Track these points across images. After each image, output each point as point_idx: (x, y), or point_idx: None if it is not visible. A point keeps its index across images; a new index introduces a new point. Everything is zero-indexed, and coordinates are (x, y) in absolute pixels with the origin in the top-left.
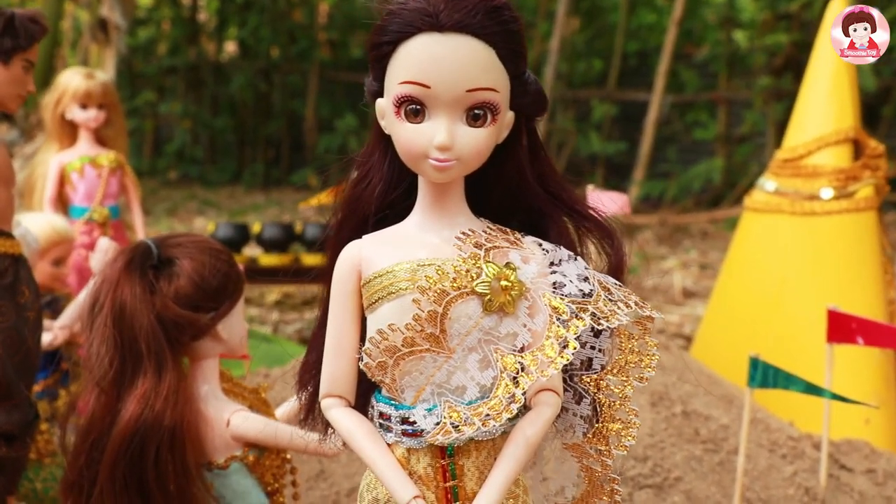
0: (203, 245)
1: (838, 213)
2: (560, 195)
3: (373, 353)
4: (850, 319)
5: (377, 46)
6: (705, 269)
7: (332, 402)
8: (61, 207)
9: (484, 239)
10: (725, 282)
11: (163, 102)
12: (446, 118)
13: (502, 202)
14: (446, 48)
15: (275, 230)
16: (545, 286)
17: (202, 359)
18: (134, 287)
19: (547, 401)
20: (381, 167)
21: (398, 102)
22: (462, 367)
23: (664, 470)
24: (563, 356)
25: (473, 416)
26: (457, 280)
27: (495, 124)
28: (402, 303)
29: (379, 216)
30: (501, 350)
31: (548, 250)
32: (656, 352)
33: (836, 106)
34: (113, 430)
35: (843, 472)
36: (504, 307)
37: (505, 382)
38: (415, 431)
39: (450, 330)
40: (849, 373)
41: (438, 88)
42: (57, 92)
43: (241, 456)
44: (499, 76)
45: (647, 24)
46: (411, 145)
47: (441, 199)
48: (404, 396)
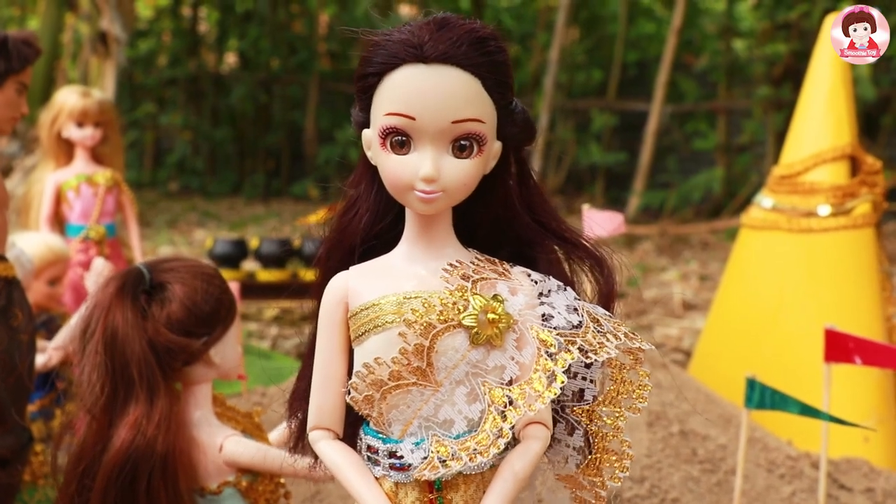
0: (196, 270)
1: (835, 229)
2: (549, 224)
3: (359, 387)
4: (848, 339)
5: (362, 78)
6: (705, 281)
7: (319, 435)
8: (58, 226)
9: (471, 270)
10: (723, 299)
11: (163, 114)
12: (432, 150)
13: (491, 232)
14: (431, 79)
15: (273, 245)
16: (533, 318)
17: (195, 384)
18: (126, 312)
19: (536, 434)
20: (368, 197)
21: (384, 134)
22: (449, 400)
23: (661, 491)
24: (551, 390)
25: (461, 451)
26: (443, 313)
27: (482, 155)
28: (389, 336)
29: (366, 246)
30: (489, 383)
31: (536, 281)
32: (648, 382)
33: (832, 122)
34: (104, 457)
35: (843, 492)
36: (491, 340)
37: (493, 416)
38: (402, 466)
39: (437, 363)
40: (847, 391)
41: (424, 120)
42: (53, 110)
43: (235, 481)
44: (485, 107)
45: (646, 34)
46: (397, 177)
47: (428, 229)
48: (392, 430)
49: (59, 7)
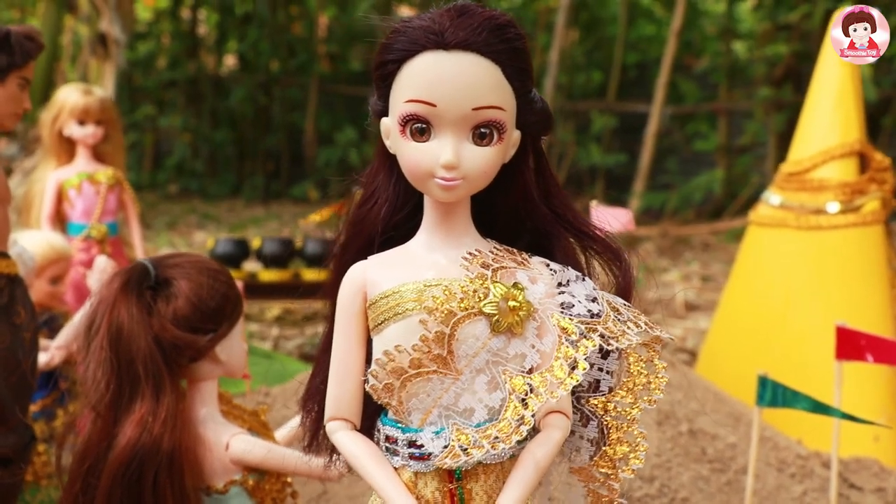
0: (201, 265)
1: (845, 227)
2: (566, 216)
3: (379, 375)
4: (860, 336)
5: (382, 65)
6: (707, 282)
7: (337, 426)
8: (59, 225)
9: (491, 259)
10: (730, 297)
11: (162, 116)
12: (452, 137)
13: (508, 223)
14: (452, 66)
15: (275, 245)
16: (553, 306)
17: (200, 381)
18: (131, 308)
19: (556, 423)
20: (386, 187)
21: (403, 121)
22: (470, 388)
23: (671, 490)
24: (573, 377)
25: (482, 439)
26: (464, 300)
27: (502, 143)
28: (409, 324)
29: (384, 237)
30: (510, 371)
31: (555, 270)
32: (665, 374)
33: (841, 118)
34: (109, 455)
35: (853, 492)
36: (512, 328)
37: (514, 404)
38: (422, 455)
39: (457, 351)
40: (857, 389)
41: (444, 107)
42: (54, 108)
43: (241, 480)
44: (505, 94)
45: (646, 35)
46: (417, 165)
47: (447, 219)
48: (411, 419)
49: (58, 9)
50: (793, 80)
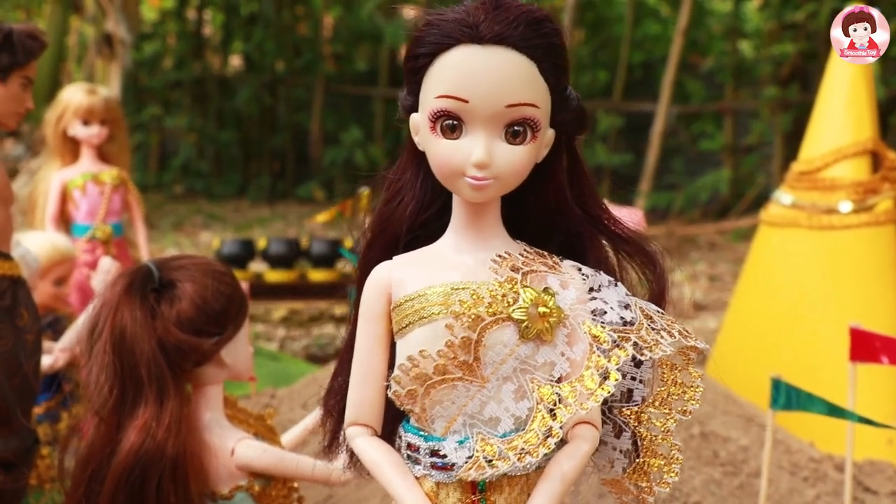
0: (206, 267)
1: (857, 226)
2: (601, 218)
3: (402, 381)
4: (874, 338)
5: (413, 59)
6: (714, 281)
7: (357, 431)
8: (63, 225)
9: (521, 262)
10: (741, 298)
11: (168, 116)
12: (484, 134)
13: (540, 224)
14: (486, 61)
15: (280, 246)
16: (585, 313)
17: (205, 385)
18: (134, 311)
19: (585, 434)
20: (413, 185)
21: (434, 117)
22: (496, 397)
23: (683, 494)
24: (604, 388)
25: (508, 451)
26: (492, 305)
27: (535, 142)
28: (435, 328)
29: (410, 237)
30: (538, 380)
31: (587, 275)
32: (700, 383)
33: (853, 117)
34: (113, 461)
35: (868, 495)
36: (541, 335)
37: (541, 415)
38: (445, 465)
39: (484, 358)
40: (869, 391)
41: (477, 103)
42: (59, 108)
43: (247, 486)
44: (540, 91)
45: (651, 34)
46: (447, 162)
47: (476, 219)
48: (434, 427)
49: (64, 9)
50: (799, 79)
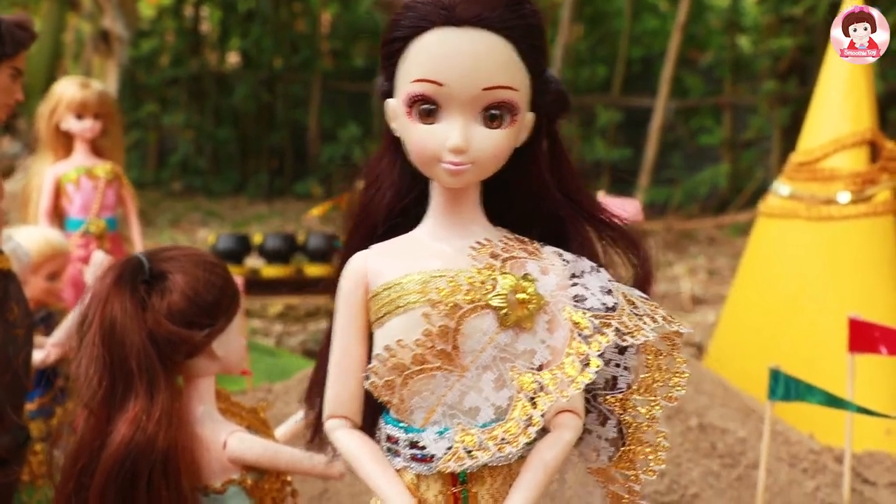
0: (197, 258)
1: (856, 217)
2: (583, 203)
3: (380, 372)
4: (873, 328)
5: (389, 42)
6: (713, 276)
7: (336, 424)
8: (57, 220)
9: (500, 249)
10: (739, 289)
11: (166, 114)
12: (461, 118)
13: (521, 210)
14: (462, 43)
15: (277, 241)
16: (566, 299)
17: (197, 378)
18: (124, 303)
19: (567, 423)
20: (391, 172)
21: (410, 102)
22: (476, 386)
23: (681, 487)
24: (585, 375)
25: (488, 441)
26: (470, 293)
27: (514, 125)
28: (412, 317)
29: (389, 225)
30: (518, 368)
31: (568, 261)
32: (686, 369)
33: (851, 107)
34: (102, 455)
35: (866, 487)
36: (521, 322)
37: (522, 403)
38: (424, 457)
39: (462, 347)
40: (868, 382)
41: (453, 86)
42: (52, 102)
43: (239, 479)
44: (518, 74)
45: (650, 29)
46: (423, 147)
47: (455, 205)
48: (413, 418)
49: (60, 6)
50: (797, 73)
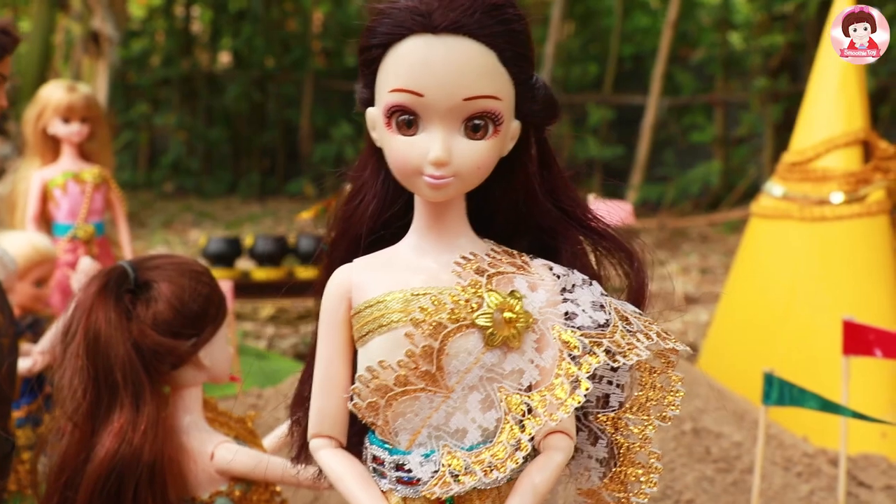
0: (183, 267)
1: (849, 217)
2: (574, 212)
3: (363, 393)
4: (868, 331)
5: (366, 50)
6: (706, 274)
7: (320, 443)
8: (45, 225)
9: (486, 264)
10: (732, 291)
11: (157, 114)
12: (442, 130)
13: (510, 221)
14: (441, 51)
15: (268, 243)
16: (555, 317)
17: (183, 388)
18: (108, 313)
19: (558, 445)
20: (374, 183)
21: (389, 112)
22: (462, 407)
23: (675, 492)
24: (575, 397)
25: (475, 465)
26: (455, 311)
27: (498, 135)
28: (395, 337)
29: (373, 237)
30: (506, 389)
31: (559, 275)
32: (681, 387)
33: (844, 106)
34: (87, 468)
35: (862, 490)
36: (508, 342)
37: (510, 426)
38: (410, 479)
39: (447, 367)
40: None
41: (432, 97)
42: (38, 106)
43: (227, 491)
44: (501, 82)
45: (641, 27)
46: (404, 160)
47: (439, 218)
48: (399, 440)
49: (50, 7)
50: (789, 70)
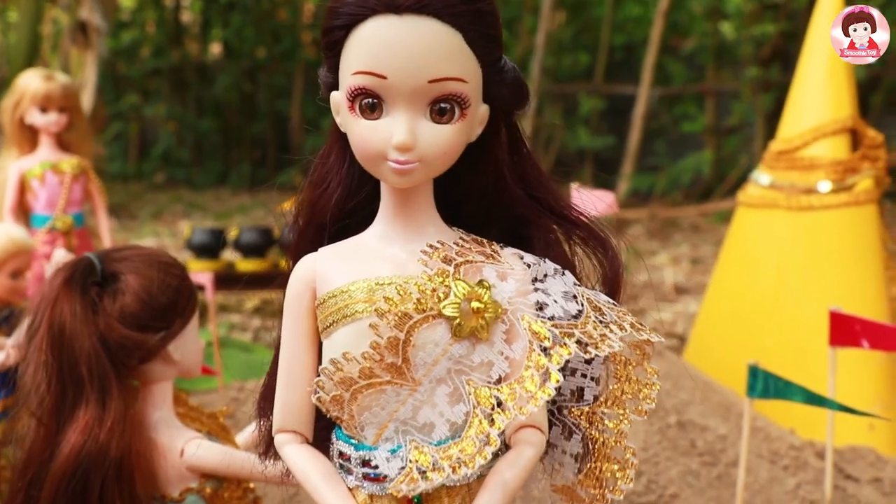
0: (151, 258)
1: (837, 207)
2: (546, 199)
3: (326, 386)
4: (854, 321)
5: (328, 32)
6: (697, 264)
7: (285, 438)
8: (23, 216)
9: (454, 252)
10: (719, 281)
11: (147, 105)
12: (406, 114)
13: (480, 209)
14: (404, 32)
15: (253, 235)
16: (525, 307)
17: (153, 383)
18: (74, 306)
19: (529, 439)
20: (339, 170)
21: (352, 96)
22: (429, 401)
23: (659, 487)
24: (545, 390)
25: (443, 461)
26: (421, 301)
27: (465, 119)
28: (359, 328)
29: (339, 225)
30: (474, 382)
31: (530, 264)
32: (657, 380)
33: (832, 94)
34: (52, 465)
35: (849, 483)
36: (476, 332)
37: (479, 420)
38: (377, 476)
39: (414, 359)
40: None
41: (396, 79)
42: (15, 95)
43: (198, 488)
44: (467, 64)
45: (632, 16)
46: (367, 145)
47: (406, 206)
48: (365, 434)
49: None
50: (780, 59)
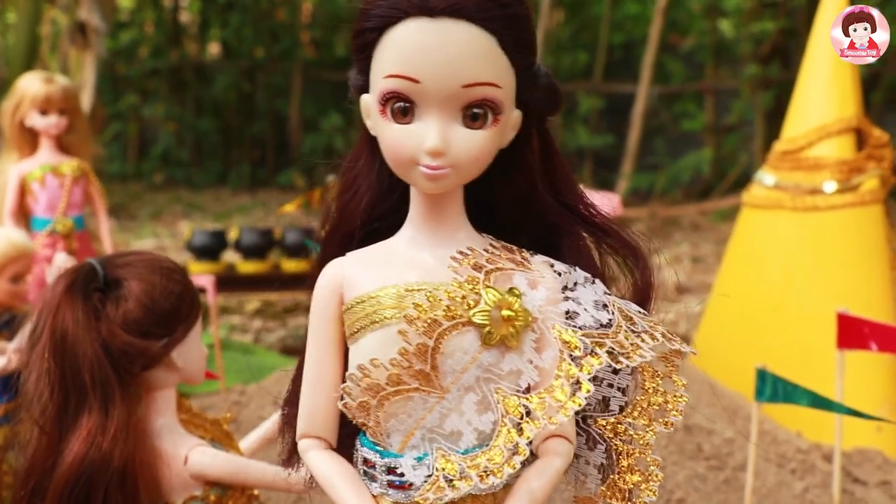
0: (154, 264)
1: (842, 207)
2: (577, 207)
3: (353, 392)
4: (863, 324)
5: (360, 34)
6: (697, 263)
7: (309, 444)
8: (23, 219)
9: (485, 259)
10: (724, 282)
11: (146, 105)
12: (439, 118)
13: (510, 216)
14: (438, 36)
15: (253, 236)
16: (556, 316)
17: (156, 390)
18: (76, 312)
19: (557, 449)
20: (368, 174)
21: (383, 99)
22: (457, 409)
23: (666, 491)
24: (575, 400)
25: (470, 469)
26: (451, 308)
27: (497, 125)
28: (388, 334)
29: (368, 230)
30: (503, 391)
31: (560, 272)
32: (685, 392)
33: (836, 94)
34: (55, 474)
35: (857, 486)
36: (506, 341)
37: (507, 429)
38: (402, 484)
39: (442, 366)
40: (856, 378)
41: (429, 83)
42: (15, 98)
43: (202, 496)
44: (501, 69)
45: (631, 15)
46: (398, 149)
47: (436, 211)
48: (390, 441)
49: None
50: (780, 57)
